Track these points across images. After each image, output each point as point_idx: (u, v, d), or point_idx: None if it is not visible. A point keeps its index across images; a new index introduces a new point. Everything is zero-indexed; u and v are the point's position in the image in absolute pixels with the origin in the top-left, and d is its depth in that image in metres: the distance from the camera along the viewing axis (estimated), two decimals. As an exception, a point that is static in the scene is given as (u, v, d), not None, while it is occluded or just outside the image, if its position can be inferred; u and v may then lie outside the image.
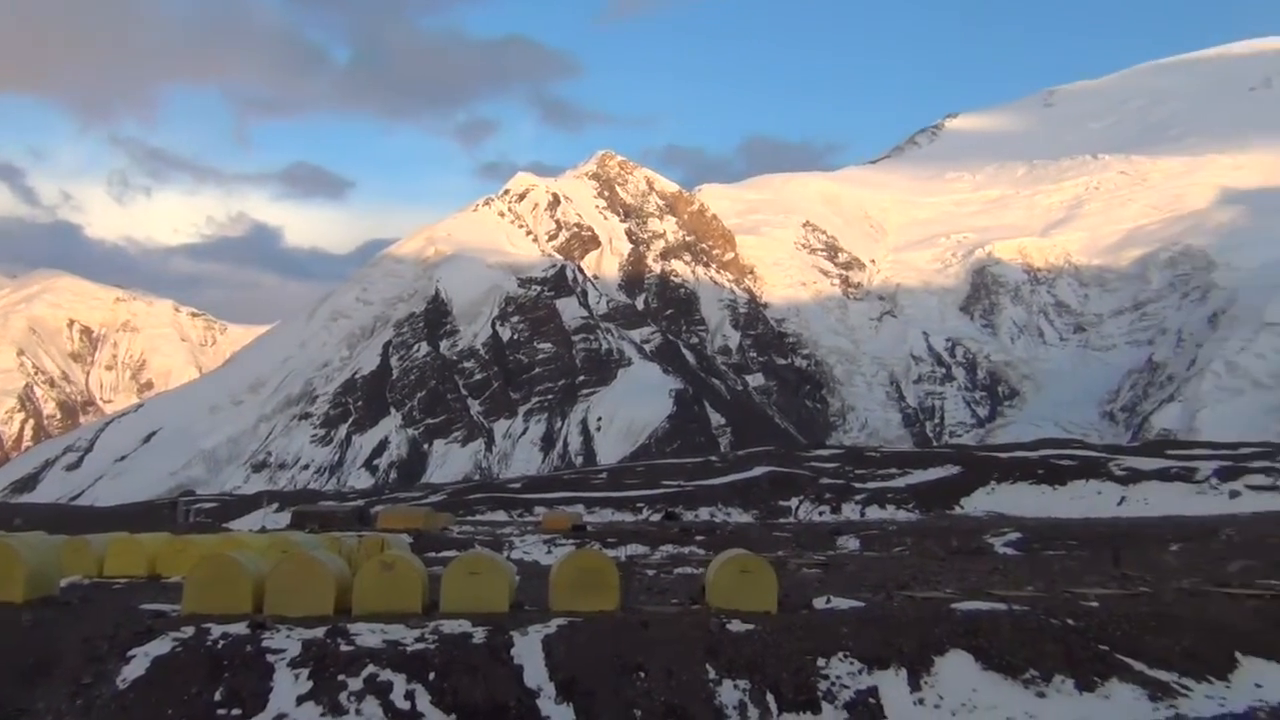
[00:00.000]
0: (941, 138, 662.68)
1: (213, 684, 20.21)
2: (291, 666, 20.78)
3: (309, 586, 25.23)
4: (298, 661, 20.91)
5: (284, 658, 21.01)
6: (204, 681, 20.24)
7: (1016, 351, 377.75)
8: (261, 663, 20.85)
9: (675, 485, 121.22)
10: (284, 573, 25.60)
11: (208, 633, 21.91)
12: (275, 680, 20.39)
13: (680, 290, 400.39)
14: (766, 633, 23.46)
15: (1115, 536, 63.37)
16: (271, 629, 22.21)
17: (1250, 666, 24.29)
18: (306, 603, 24.75)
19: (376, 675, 20.59)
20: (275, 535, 49.92)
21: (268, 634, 21.88)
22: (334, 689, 20.22)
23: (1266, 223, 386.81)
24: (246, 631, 22.00)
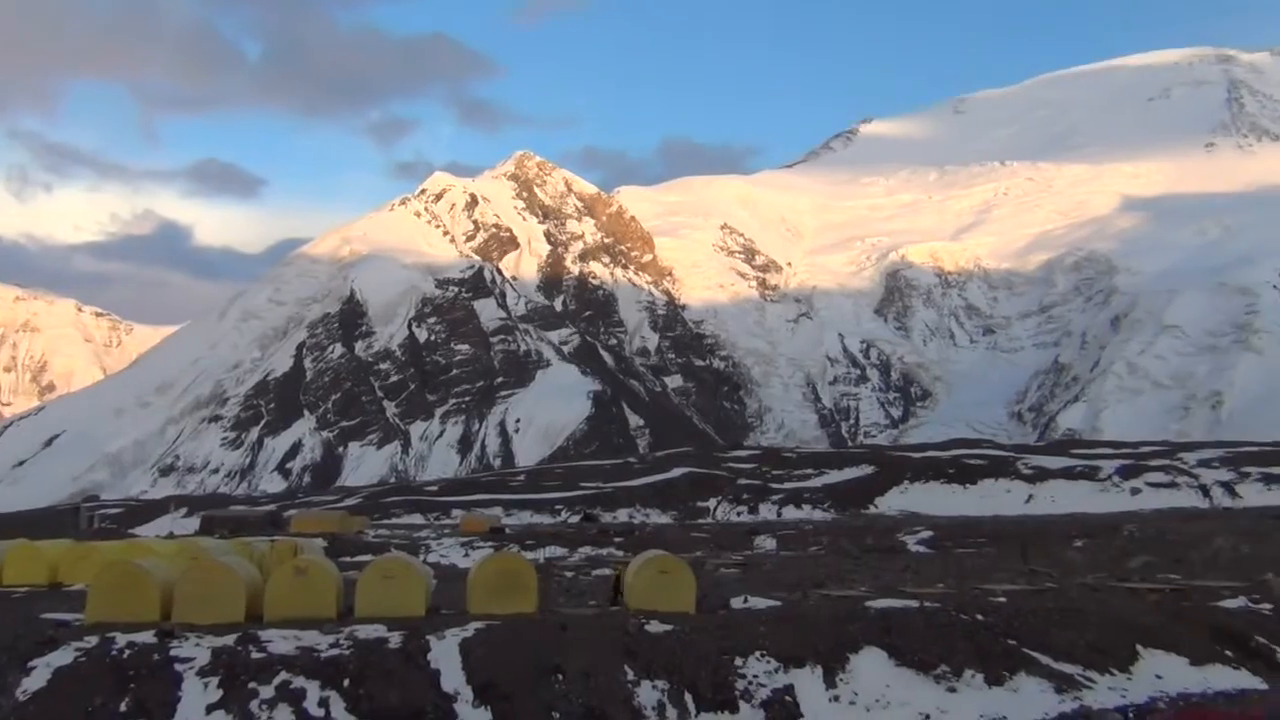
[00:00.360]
0: (856, 143, 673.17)
1: (118, 695, 19.66)
2: (200, 675, 20.31)
3: (219, 593, 24.69)
4: (207, 670, 20.44)
5: (193, 666, 20.53)
6: (109, 692, 19.68)
7: (929, 353, 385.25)
8: (169, 672, 20.34)
9: (594, 487, 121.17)
10: (192, 579, 25.02)
11: (113, 642, 21.30)
12: (184, 689, 19.91)
13: (599, 292, 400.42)
14: (685, 633, 23.58)
15: (1023, 534, 64.97)
16: (180, 637, 21.69)
17: (1150, 658, 25.08)
18: (216, 610, 24.21)
19: (289, 682, 20.22)
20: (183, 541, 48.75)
21: (176, 642, 21.35)
22: (245, 697, 19.81)
23: (1165, 229, 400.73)
24: (153, 640, 21.44)
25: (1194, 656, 25.44)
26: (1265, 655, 26.33)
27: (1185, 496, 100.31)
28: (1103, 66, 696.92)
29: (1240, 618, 28.23)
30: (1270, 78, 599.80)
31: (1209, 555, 47.68)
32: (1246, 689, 24.33)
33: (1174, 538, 58.29)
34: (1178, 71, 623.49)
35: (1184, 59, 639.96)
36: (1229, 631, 27.11)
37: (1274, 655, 26.35)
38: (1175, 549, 51.40)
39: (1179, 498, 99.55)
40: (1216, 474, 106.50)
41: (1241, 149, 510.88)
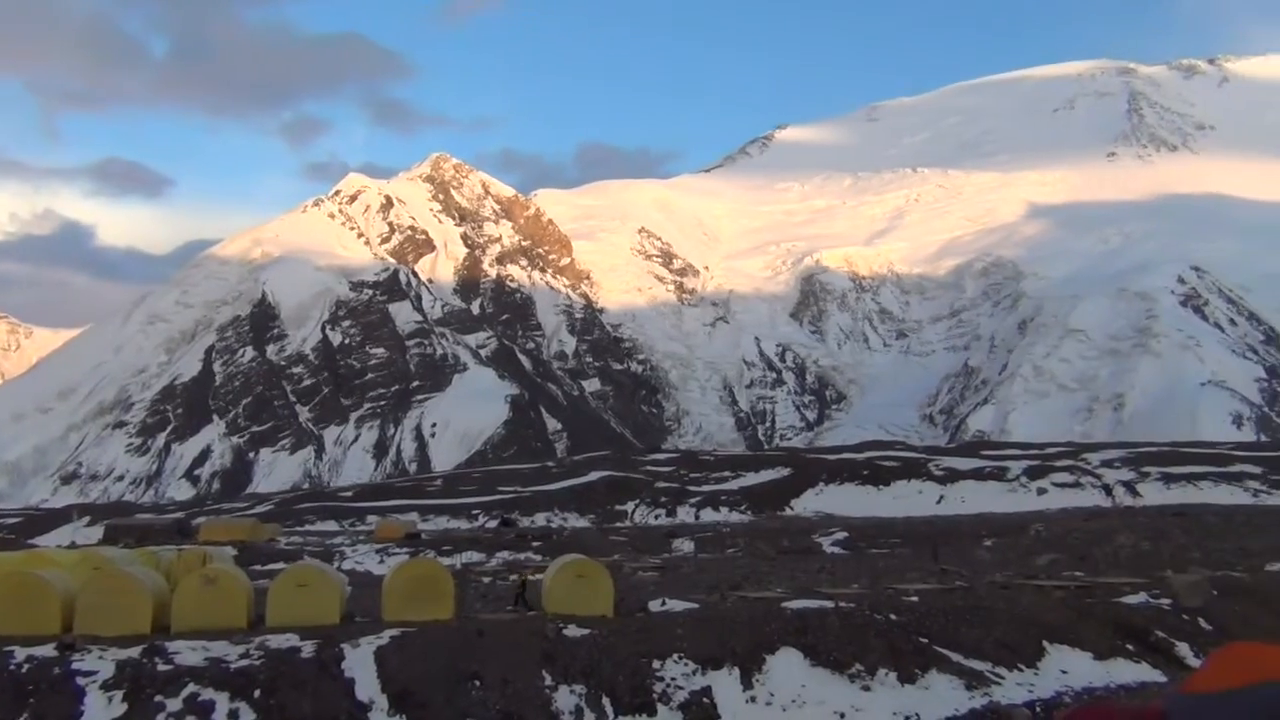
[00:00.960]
0: (772, 148, 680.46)
1: (17, 710, 18.97)
2: (104, 689, 19.69)
3: (123, 604, 23.98)
4: (111, 684, 19.83)
5: (95, 680, 19.89)
6: (7, 708, 18.98)
7: (843, 356, 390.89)
8: (71, 686, 19.68)
9: (511, 491, 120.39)
10: (95, 590, 24.26)
11: (11, 656, 20.55)
12: (86, 704, 19.29)
13: (516, 295, 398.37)
14: (603, 637, 23.56)
15: (934, 534, 66.23)
16: (82, 650, 21.00)
17: (1056, 654, 25.75)
18: (120, 621, 23.50)
19: (198, 695, 19.72)
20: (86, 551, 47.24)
21: (77, 655, 20.67)
22: (151, 711, 19.26)
23: (1069, 236, 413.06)
24: (54, 653, 20.73)
25: (1098, 651, 26.18)
26: (1165, 649, 27.20)
27: (1089, 496, 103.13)
28: (1010, 77, 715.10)
29: (1141, 613, 29.13)
30: (1168, 90, 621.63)
31: (1111, 553, 49.13)
32: (1147, 682, 25.12)
33: (1078, 536, 59.96)
34: (1081, 83, 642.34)
35: (1087, 71, 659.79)
36: (1131, 627, 27.96)
37: (1173, 649, 27.24)
38: (1080, 547, 52.88)
39: (1083, 497, 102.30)
40: (1118, 474, 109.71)
41: (1141, 159, 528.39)
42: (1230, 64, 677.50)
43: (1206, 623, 28.96)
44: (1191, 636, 28.01)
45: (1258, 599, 31.09)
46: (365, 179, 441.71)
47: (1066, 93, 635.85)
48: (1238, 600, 30.83)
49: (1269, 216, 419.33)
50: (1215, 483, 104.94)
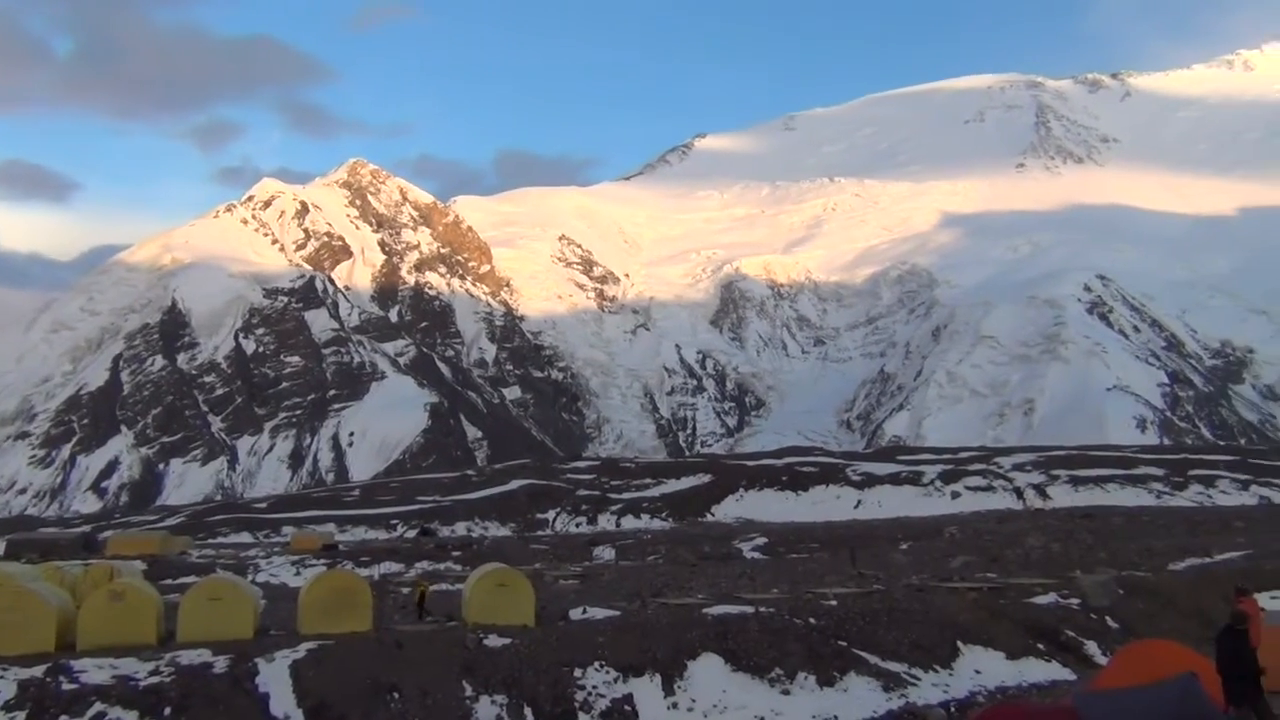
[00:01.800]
0: (691, 157, 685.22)
1: (-91, 736, 18.20)
2: (5, 710, 18.98)
3: (25, 621, 23.13)
4: (13, 704, 19.12)
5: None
6: (-102, 734, 18.20)
7: (762, 363, 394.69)
8: (-32, 709, 18.95)
9: (431, 501, 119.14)
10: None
11: (-97, 679, 19.71)
12: (-15, 727, 18.59)
13: (435, 302, 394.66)
14: (523, 646, 23.39)
15: (852, 538, 67.11)
16: (-20, 671, 20.22)
17: (970, 654, 26.23)
18: (22, 639, 22.68)
19: (104, 714, 19.11)
20: (-14, 567, 45.54)
21: (-24, 676, 19.90)
22: (55, 732, 18.62)
23: (981, 245, 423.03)
24: (-50, 675, 19.93)
25: (1010, 651, 26.73)
26: (1074, 648, 27.88)
27: (1001, 499, 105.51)
28: (924, 89, 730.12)
29: (1051, 613, 29.83)
30: (1074, 104, 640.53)
31: (1023, 554, 50.28)
32: (1058, 680, 25.73)
33: (991, 538, 61.27)
34: (991, 96, 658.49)
35: (996, 84, 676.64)
36: (1041, 626, 28.61)
37: (1082, 648, 27.94)
38: (992, 549, 54.02)
39: (995, 500, 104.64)
40: (1029, 477, 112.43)
41: (1049, 170, 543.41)
42: (1133, 79, 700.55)
43: (1113, 621, 29.76)
44: (1099, 635, 28.75)
45: (1161, 598, 32.06)
46: (280, 184, 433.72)
47: (977, 105, 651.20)
48: (1142, 599, 31.74)
49: (1169, 227, 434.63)
50: (1121, 485, 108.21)
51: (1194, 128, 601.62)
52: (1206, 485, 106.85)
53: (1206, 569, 36.57)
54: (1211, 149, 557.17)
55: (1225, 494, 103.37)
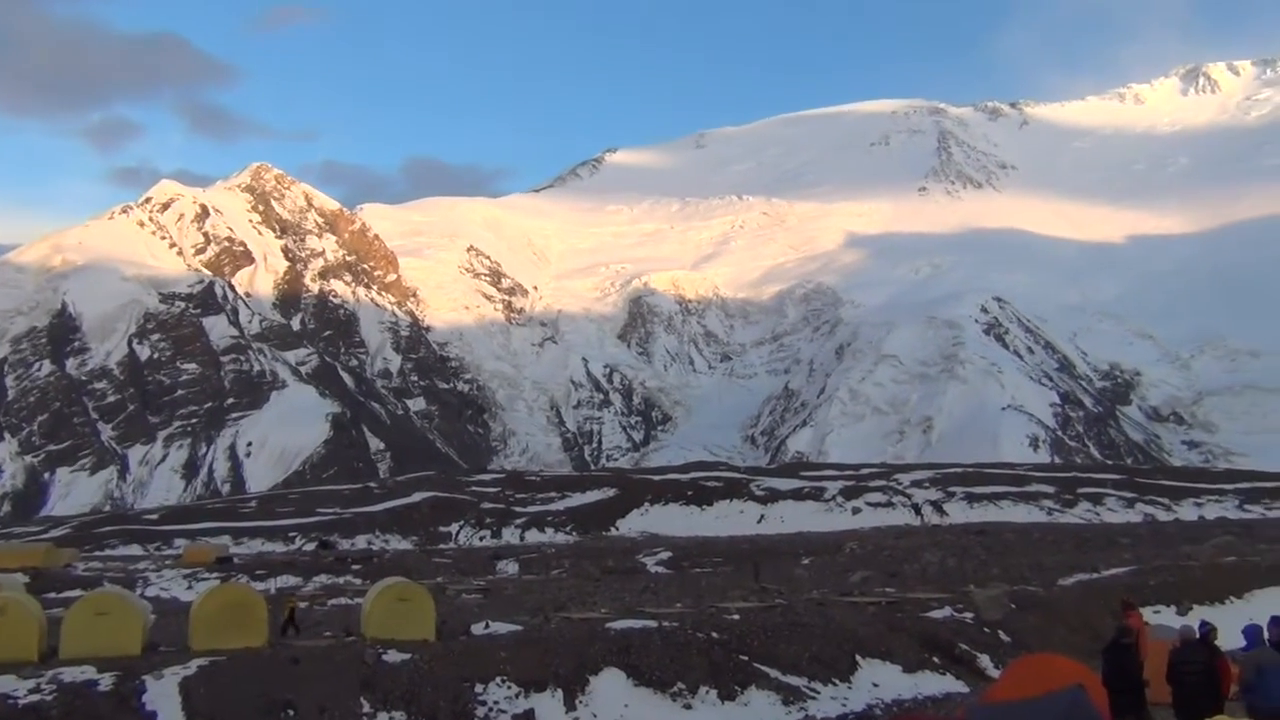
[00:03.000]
0: (602, 171, 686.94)
1: None
2: None
3: (-105, 638, 22.04)
4: (-122, 725, 18.19)
5: None
6: None
7: (669, 378, 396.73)
8: None
9: (331, 513, 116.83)
10: None
11: None
12: None
13: (339, 311, 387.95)
14: (424, 661, 23.06)
15: (755, 552, 67.72)
16: None
17: (868, 668, 26.65)
18: (-108, 657, 21.60)
19: (-21, 734, 18.29)
20: None
21: None
22: (-76, 754, 17.76)
23: (884, 265, 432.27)
24: None
25: (906, 664, 27.22)
26: (968, 661, 28.51)
27: (900, 515, 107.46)
28: (831, 111, 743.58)
29: (946, 626, 30.46)
30: (974, 130, 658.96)
31: (920, 569, 51.29)
32: (952, 693, 26.27)
33: (890, 553, 62.36)
34: (895, 120, 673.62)
35: (900, 109, 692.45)
36: (937, 640, 29.19)
37: (975, 661, 28.58)
38: (891, 564, 55.00)
39: (894, 516, 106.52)
40: (927, 493, 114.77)
41: (950, 194, 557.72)
42: (1030, 108, 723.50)
43: (1005, 635, 30.50)
44: (992, 648, 29.43)
45: (1051, 612, 32.97)
46: (180, 187, 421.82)
47: (882, 129, 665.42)
48: (1033, 613, 32.59)
49: (1062, 252, 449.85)
50: (1014, 502, 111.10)
51: (1087, 157, 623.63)
52: (1095, 503, 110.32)
53: (1094, 584, 37.73)
54: (1102, 178, 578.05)
55: (1112, 511, 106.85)
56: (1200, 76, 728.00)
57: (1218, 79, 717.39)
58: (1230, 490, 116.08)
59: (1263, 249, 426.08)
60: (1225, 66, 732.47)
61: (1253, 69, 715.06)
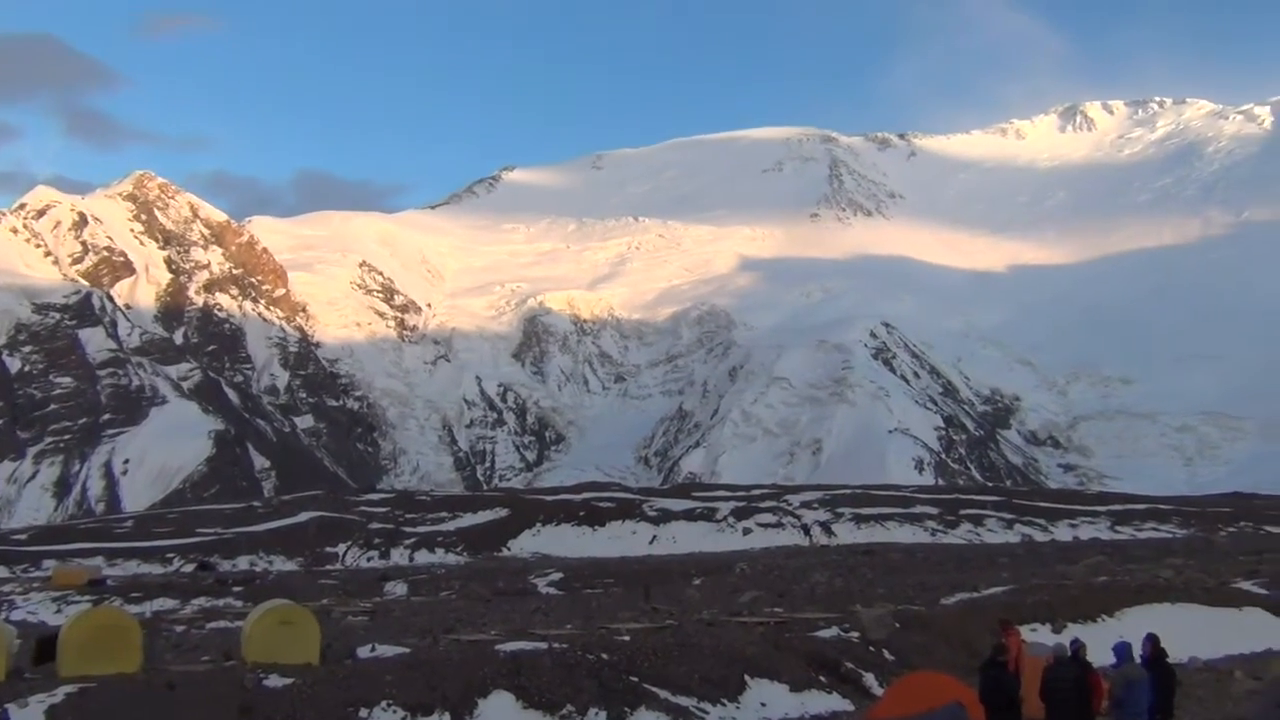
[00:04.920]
0: (498, 189, 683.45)
1: None
2: None
3: None
4: None
5: None
6: None
7: (563, 398, 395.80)
8: None
9: (212, 533, 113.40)
10: None
11: None
12: None
13: (225, 325, 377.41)
14: (306, 686, 22.51)
15: (647, 573, 67.89)
16: None
17: (757, 687, 26.92)
18: None
19: None
20: None
21: None
22: None
23: (777, 289, 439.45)
24: None
25: (794, 683, 27.58)
26: (853, 680, 29.02)
27: (789, 535, 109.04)
28: (726, 136, 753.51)
29: (833, 645, 30.97)
30: (864, 160, 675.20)
31: (808, 589, 52.06)
32: (838, 711, 26.72)
33: (779, 573, 63.20)
34: (789, 147, 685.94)
35: (794, 136, 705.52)
36: (824, 659, 29.66)
37: (861, 679, 29.11)
38: (780, 584, 55.72)
39: (784, 537, 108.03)
40: (816, 514, 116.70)
41: (840, 221, 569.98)
42: (918, 140, 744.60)
43: (890, 654, 31.13)
44: (877, 667, 30.01)
45: (934, 630, 33.78)
46: (56, 193, 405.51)
47: (775, 155, 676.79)
48: (917, 632, 33.34)
49: (947, 279, 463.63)
50: (900, 523, 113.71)
51: (971, 189, 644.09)
52: (976, 524, 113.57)
53: (974, 603, 38.78)
54: (985, 209, 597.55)
55: (992, 532, 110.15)
56: (1077, 115, 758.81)
57: (1094, 117, 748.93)
58: (1103, 512, 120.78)
59: (1134, 281, 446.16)
60: (1101, 106, 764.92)
61: (1126, 109, 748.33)
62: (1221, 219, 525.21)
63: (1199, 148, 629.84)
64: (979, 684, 19.33)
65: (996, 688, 19.06)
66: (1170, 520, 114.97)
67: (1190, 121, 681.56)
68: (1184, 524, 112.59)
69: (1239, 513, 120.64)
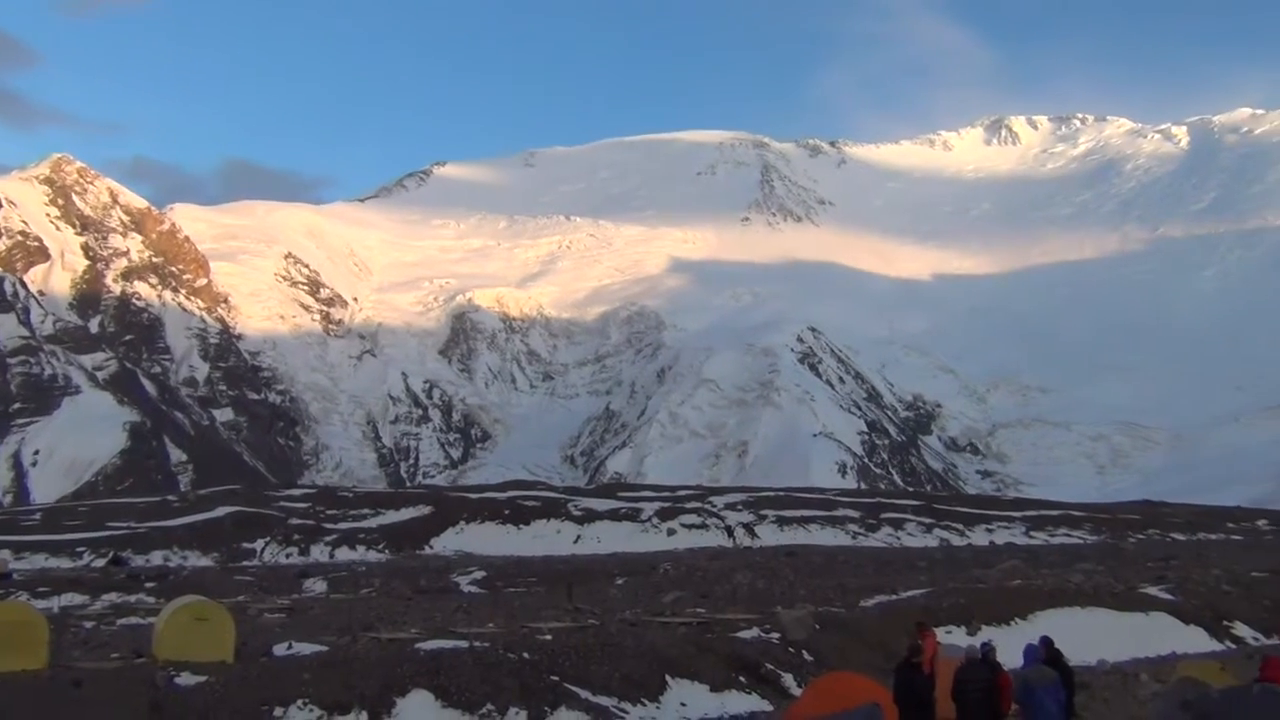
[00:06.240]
0: (429, 184, 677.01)
1: None
2: None
3: None
4: None
5: None
6: None
7: (490, 396, 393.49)
8: None
9: (125, 527, 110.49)
10: None
11: None
12: None
13: (143, 315, 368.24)
14: (219, 684, 22.08)
15: (570, 573, 67.71)
16: None
17: (677, 687, 27.04)
18: None
19: None
20: None
21: None
22: None
23: (706, 291, 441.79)
24: None
25: (714, 684, 27.75)
26: (773, 680, 29.29)
27: (713, 536, 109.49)
28: (659, 138, 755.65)
29: (754, 646, 31.21)
30: (796, 166, 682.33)
31: (731, 590, 52.37)
32: (756, 711, 26.95)
33: (702, 574, 63.49)
34: (721, 151, 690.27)
35: (727, 140, 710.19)
36: (744, 660, 29.88)
37: (780, 680, 29.39)
38: (703, 585, 55.97)
39: (708, 538, 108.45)
40: (740, 516, 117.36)
41: (771, 226, 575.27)
42: (848, 148, 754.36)
43: (809, 655, 31.47)
44: (796, 668, 30.32)
45: (852, 632, 34.23)
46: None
47: (708, 159, 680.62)
48: (836, 634, 33.75)
49: (873, 286, 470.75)
50: (822, 525, 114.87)
51: (898, 197, 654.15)
52: (896, 527, 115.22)
53: (893, 605, 39.36)
54: (912, 218, 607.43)
55: (911, 536, 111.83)
56: (1003, 128, 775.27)
57: (1018, 131, 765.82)
58: (1018, 518, 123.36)
59: (1053, 292, 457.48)
60: (1025, 120, 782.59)
61: (1049, 124, 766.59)
62: (1138, 234, 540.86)
63: (1118, 165, 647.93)
64: (894, 685, 19.67)
65: (910, 688, 19.43)
66: (1082, 526, 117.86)
67: (1110, 139, 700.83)
68: (1095, 530, 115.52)
69: (1148, 520, 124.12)
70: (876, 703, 18.02)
